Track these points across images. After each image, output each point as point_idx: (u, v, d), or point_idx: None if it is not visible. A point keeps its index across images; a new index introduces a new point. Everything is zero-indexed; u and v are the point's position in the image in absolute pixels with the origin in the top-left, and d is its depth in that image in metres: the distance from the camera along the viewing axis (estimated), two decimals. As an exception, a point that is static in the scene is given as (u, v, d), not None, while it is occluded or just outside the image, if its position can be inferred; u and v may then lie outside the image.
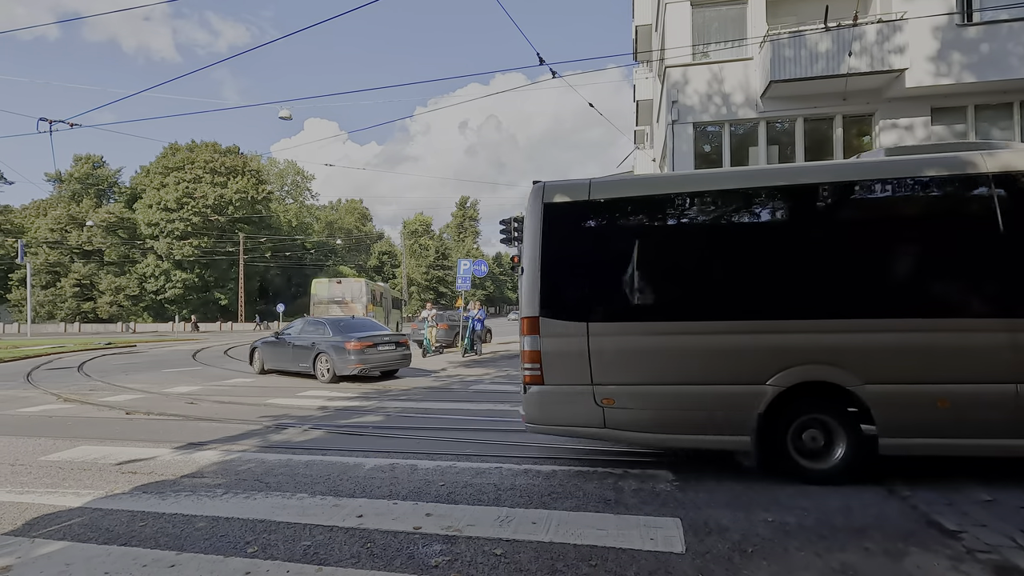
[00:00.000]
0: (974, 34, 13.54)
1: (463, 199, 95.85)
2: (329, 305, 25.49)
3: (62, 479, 4.87)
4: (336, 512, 3.87)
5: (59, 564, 3.15)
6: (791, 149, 15.42)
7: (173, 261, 54.77)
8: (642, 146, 29.12)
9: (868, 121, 15.07)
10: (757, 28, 15.13)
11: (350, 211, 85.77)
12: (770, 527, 3.45)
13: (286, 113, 18.73)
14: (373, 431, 6.63)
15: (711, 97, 15.62)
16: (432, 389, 10.44)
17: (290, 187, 79.57)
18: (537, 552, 3.17)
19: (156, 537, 3.52)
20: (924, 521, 3.51)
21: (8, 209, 58.85)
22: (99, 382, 12.33)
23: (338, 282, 27.07)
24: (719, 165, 15.69)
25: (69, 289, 53.31)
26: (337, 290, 25.95)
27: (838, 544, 3.19)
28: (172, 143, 58.69)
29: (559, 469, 4.81)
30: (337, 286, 26.30)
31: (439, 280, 79.28)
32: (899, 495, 3.98)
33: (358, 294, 25.70)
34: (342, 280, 27.94)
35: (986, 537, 3.23)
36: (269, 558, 3.17)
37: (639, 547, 3.19)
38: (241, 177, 58.25)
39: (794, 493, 4.05)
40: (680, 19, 15.70)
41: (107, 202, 62.07)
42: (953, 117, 14.53)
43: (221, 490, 4.44)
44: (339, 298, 25.52)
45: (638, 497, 4.06)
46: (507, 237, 17.25)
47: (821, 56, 13.84)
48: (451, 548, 3.25)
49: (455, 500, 4.09)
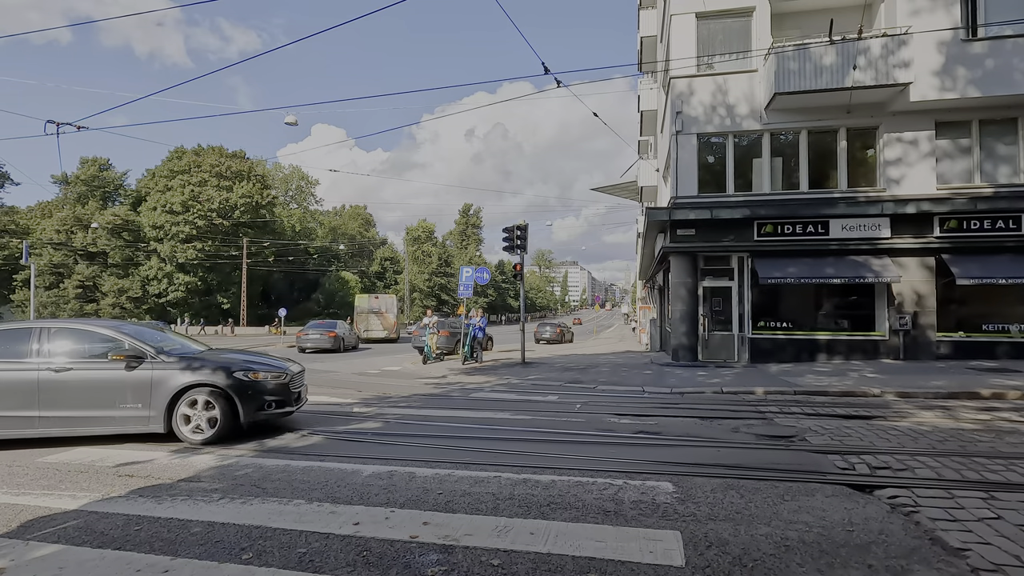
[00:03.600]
0: (979, 49, 13.57)
1: (466, 206, 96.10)
2: (368, 314, 34.66)
3: (59, 481, 4.85)
4: (333, 519, 3.83)
5: (53, 567, 3.12)
6: (795, 161, 15.45)
7: (176, 264, 54.93)
8: (646, 156, 29.19)
9: (872, 134, 15.10)
10: (762, 40, 15.20)
11: (354, 216, 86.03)
12: (771, 542, 3.41)
13: (292, 119, 18.85)
14: (371, 437, 6.60)
15: (715, 108, 15.66)
16: (432, 396, 10.41)
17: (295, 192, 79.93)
18: (535, 563, 3.13)
19: (151, 542, 3.49)
20: (928, 538, 3.46)
21: (14, 210, 59.22)
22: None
23: (375, 297, 37.10)
24: (723, 177, 15.72)
25: (72, 290, 53.51)
26: (375, 303, 35.48)
27: (840, 560, 3.15)
28: (178, 147, 59.09)
29: (558, 479, 4.77)
30: (375, 300, 36.00)
31: (441, 287, 79.32)
32: (902, 511, 3.93)
33: (390, 305, 35.43)
34: (378, 296, 38.85)
35: (991, 556, 3.18)
36: (264, 565, 3.14)
37: (638, 560, 3.15)
38: (246, 181, 58.55)
39: (796, 508, 4.01)
40: (685, 30, 15.78)
41: (112, 204, 62.40)
42: (958, 131, 14.55)
43: (217, 495, 4.41)
44: (376, 308, 34.95)
45: (638, 509, 4.02)
46: (510, 245, 17.26)
47: (826, 69, 13.89)
48: (448, 557, 3.21)
49: (453, 509, 4.05)
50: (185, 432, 6.21)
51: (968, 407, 8.26)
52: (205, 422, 6.24)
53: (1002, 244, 13.90)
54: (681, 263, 15.66)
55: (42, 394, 6.07)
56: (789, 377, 11.77)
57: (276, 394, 6.63)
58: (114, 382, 6.18)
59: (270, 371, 6.71)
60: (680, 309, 15.60)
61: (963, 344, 14.30)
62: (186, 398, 6.25)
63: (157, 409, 6.17)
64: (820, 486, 4.51)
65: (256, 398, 6.42)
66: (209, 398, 6.25)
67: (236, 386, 6.33)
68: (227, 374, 6.35)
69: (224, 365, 6.47)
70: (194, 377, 6.27)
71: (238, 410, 6.30)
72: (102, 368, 6.22)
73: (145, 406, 6.16)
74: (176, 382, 6.22)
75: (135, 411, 6.17)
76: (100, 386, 6.17)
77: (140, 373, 6.20)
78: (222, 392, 6.29)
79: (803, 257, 14.78)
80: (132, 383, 6.19)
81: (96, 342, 6.43)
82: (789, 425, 7.03)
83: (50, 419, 6.09)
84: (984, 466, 5.03)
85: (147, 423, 6.15)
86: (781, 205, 14.97)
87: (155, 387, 6.18)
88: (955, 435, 6.27)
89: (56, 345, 6.30)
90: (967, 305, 14.52)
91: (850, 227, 14.51)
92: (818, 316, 15.43)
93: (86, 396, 6.13)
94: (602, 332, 54.85)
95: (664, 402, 9.28)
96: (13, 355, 6.21)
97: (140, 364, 6.23)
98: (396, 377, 14.20)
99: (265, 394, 6.50)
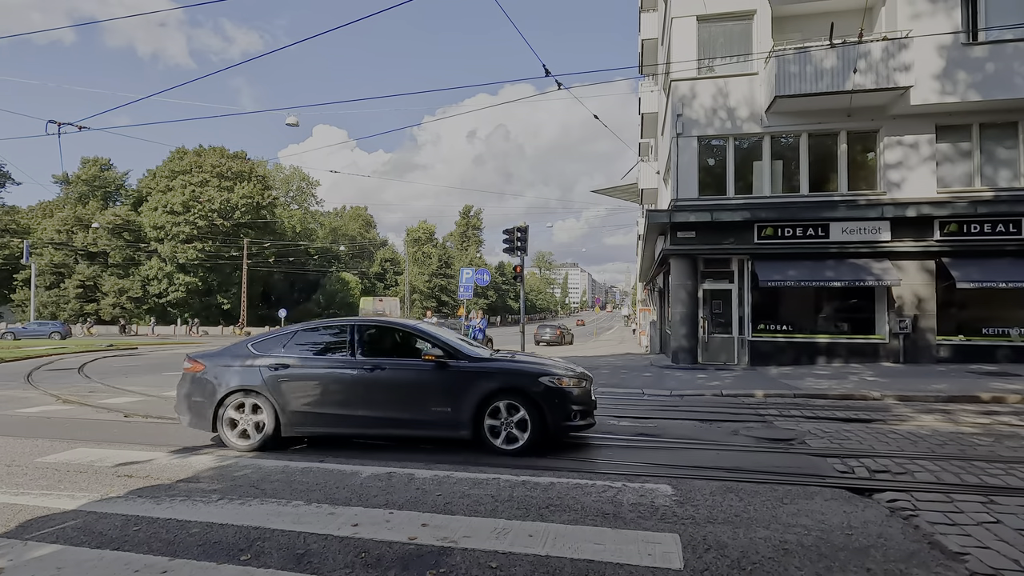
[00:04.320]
0: (980, 53, 13.59)
1: (467, 208, 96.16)
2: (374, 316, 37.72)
3: (58, 481, 4.85)
4: (331, 520, 3.83)
5: (51, 568, 3.12)
6: (795, 164, 15.46)
7: (177, 264, 54.95)
8: (646, 159, 29.21)
9: (873, 137, 15.10)
10: (763, 43, 15.22)
11: (354, 217, 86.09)
12: (770, 545, 3.40)
13: (293, 120, 18.88)
14: (370, 439, 6.59)
15: (716, 111, 15.68)
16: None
17: (295, 193, 79.98)
18: (533, 566, 3.13)
19: (149, 542, 3.49)
20: (927, 542, 3.45)
21: (15, 210, 59.30)
22: (99, 384, 12.33)
23: (380, 300, 40.63)
24: (723, 179, 15.73)
25: (73, 290, 53.56)
26: (380, 305, 39.16)
27: (839, 564, 3.15)
28: (180, 147, 59.15)
29: (557, 481, 4.76)
30: (380, 303, 39.43)
31: (441, 288, 79.33)
32: (901, 514, 3.92)
33: (394, 307, 39.72)
34: (383, 299, 42.31)
35: (990, 560, 3.17)
36: (262, 566, 3.14)
37: (636, 563, 3.15)
38: (247, 182, 58.60)
39: (795, 511, 4.00)
40: (686, 33, 15.80)
41: (113, 204, 62.47)
42: (958, 135, 14.56)
43: (216, 495, 4.41)
44: (381, 311, 38.05)
45: (636, 511, 4.01)
46: (510, 247, 17.27)
47: (826, 72, 13.90)
48: (446, 560, 3.21)
49: (452, 511, 4.05)
50: (497, 443, 5.68)
51: (968, 411, 8.26)
52: (516, 430, 5.68)
53: (1002, 248, 13.90)
54: (681, 265, 15.66)
55: (355, 392, 5.90)
56: (789, 380, 11.76)
57: (581, 403, 5.88)
58: (424, 384, 5.84)
59: (574, 377, 5.97)
60: (680, 312, 15.60)
61: (963, 348, 14.29)
62: (493, 404, 5.71)
63: (465, 414, 5.69)
64: (819, 489, 4.51)
65: (563, 407, 5.71)
66: (515, 403, 5.66)
67: (544, 393, 5.68)
68: (533, 379, 5.77)
69: (528, 370, 5.91)
70: (503, 382, 5.76)
71: (546, 420, 5.65)
72: (412, 368, 5.92)
73: (455, 411, 5.71)
74: (485, 386, 5.71)
75: (444, 415, 5.76)
76: (410, 387, 5.87)
77: (448, 375, 5.79)
78: (531, 399, 5.66)
79: (803, 260, 14.78)
80: (442, 385, 5.80)
81: (406, 340, 6.29)
82: (788, 428, 7.02)
83: (362, 419, 5.92)
84: (983, 470, 5.02)
85: (456, 429, 5.73)
86: (781, 208, 14.98)
87: (462, 391, 5.73)
88: (955, 439, 6.27)
89: (368, 342, 6.17)
90: (967, 309, 14.52)
91: (850, 230, 14.51)
92: (818, 319, 15.42)
93: (397, 396, 5.87)
94: (602, 334, 54.86)
95: (663, 404, 9.28)
96: (328, 352, 6.18)
97: (450, 365, 5.82)
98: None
99: (572, 403, 5.78)
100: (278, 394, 5.94)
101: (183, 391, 6.30)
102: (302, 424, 5.97)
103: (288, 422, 5.94)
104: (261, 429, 5.96)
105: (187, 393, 6.25)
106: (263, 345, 6.35)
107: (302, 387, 5.99)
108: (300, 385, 5.99)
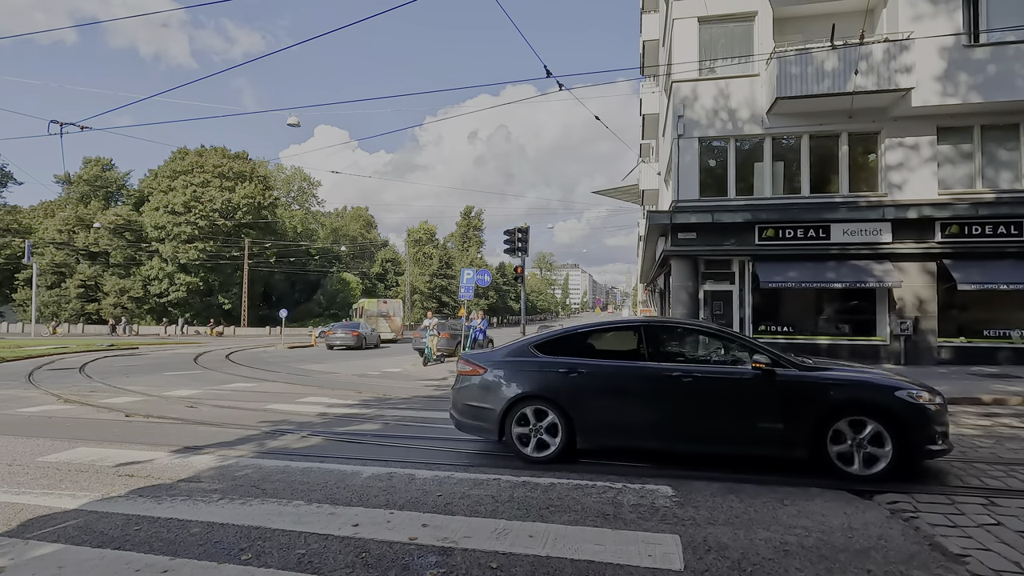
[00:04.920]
0: (981, 55, 13.57)
1: (468, 208, 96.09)
2: (378, 317, 36.57)
3: (59, 480, 4.86)
4: (332, 520, 3.84)
5: (52, 567, 3.13)
6: (796, 165, 15.45)
7: (178, 264, 54.98)
8: (647, 160, 29.21)
9: (874, 139, 15.09)
10: (764, 45, 15.22)
11: (355, 218, 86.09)
12: (770, 547, 3.40)
13: (294, 120, 18.90)
14: (371, 439, 6.60)
15: (717, 112, 15.68)
16: (432, 398, 10.40)
17: (297, 193, 80.00)
18: (533, 566, 3.13)
19: (150, 542, 3.50)
20: (927, 544, 3.45)
21: (16, 209, 59.36)
22: (100, 384, 12.34)
23: (384, 302, 39.25)
24: (724, 180, 15.73)
25: (74, 290, 53.60)
26: (383, 307, 38.08)
27: (839, 566, 3.15)
28: (181, 147, 59.21)
29: (557, 482, 4.76)
30: (384, 304, 38.36)
31: (442, 289, 79.27)
32: (902, 516, 3.92)
33: (397, 309, 38.91)
34: (387, 300, 40.76)
35: (991, 562, 3.17)
36: (263, 566, 3.15)
37: (637, 563, 3.15)
38: (248, 182, 58.61)
39: (795, 513, 4.00)
40: (687, 35, 15.79)
41: (115, 204, 62.50)
42: (959, 137, 14.54)
43: (217, 495, 4.41)
44: (385, 312, 37.50)
45: (637, 512, 4.02)
46: (511, 247, 17.27)
47: (828, 74, 13.90)
48: (446, 560, 3.21)
49: (452, 511, 4.05)
50: (851, 469, 4.78)
51: (969, 412, 8.25)
52: (873, 448, 4.78)
53: (1004, 250, 13.88)
54: (682, 266, 15.66)
55: (663, 402, 5.24)
56: (790, 381, 11.72)
57: (943, 425, 4.87)
58: (746, 394, 5.10)
59: (928, 391, 4.91)
60: (681, 313, 15.59)
61: (964, 349, 14.27)
62: (837, 421, 4.84)
63: (802, 431, 4.89)
64: (820, 491, 4.51)
65: (926, 428, 4.75)
66: (873, 424, 4.76)
67: (905, 411, 4.75)
68: (888, 394, 4.85)
69: (879, 382, 5.01)
70: (850, 395, 4.89)
71: (908, 442, 4.72)
72: (728, 376, 5.22)
73: (788, 427, 4.93)
74: (825, 400, 4.88)
75: (772, 432, 4.98)
76: (728, 397, 5.16)
77: (776, 386, 5.02)
78: (890, 417, 4.76)
79: (804, 261, 14.77)
80: (769, 397, 5.03)
81: (711, 344, 5.69)
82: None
83: (670, 432, 5.28)
84: (984, 472, 5.02)
85: (789, 448, 4.95)
86: (782, 209, 14.97)
87: (796, 404, 4.96)
88: (956, 440, 6.26)
89: (666, 345, 5.62)
90: (968, 310, 14.50)
91: (851, 231, 14.50)
92: (819, 321, 15.41)
93: (712, 408, 5.18)
94: (603, 335, 54.70)
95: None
96: (621, 356, 5.58)
97: (777, 375, 5.03)
98: (396, 379, 14.20)
99: (935, 424, 4.79)
100: (572, 401, 5.44)
101: (461, 397, 5.89)
102: (598, 435, 5.45)
103: (584, 431, 5.42)
104: (556, 436, 5.45)
105: (467, 398, 5.84)
106: (547, 346, 5.82)
107: (598, 395, 5.43)
108: (595, 393, 5.43)
